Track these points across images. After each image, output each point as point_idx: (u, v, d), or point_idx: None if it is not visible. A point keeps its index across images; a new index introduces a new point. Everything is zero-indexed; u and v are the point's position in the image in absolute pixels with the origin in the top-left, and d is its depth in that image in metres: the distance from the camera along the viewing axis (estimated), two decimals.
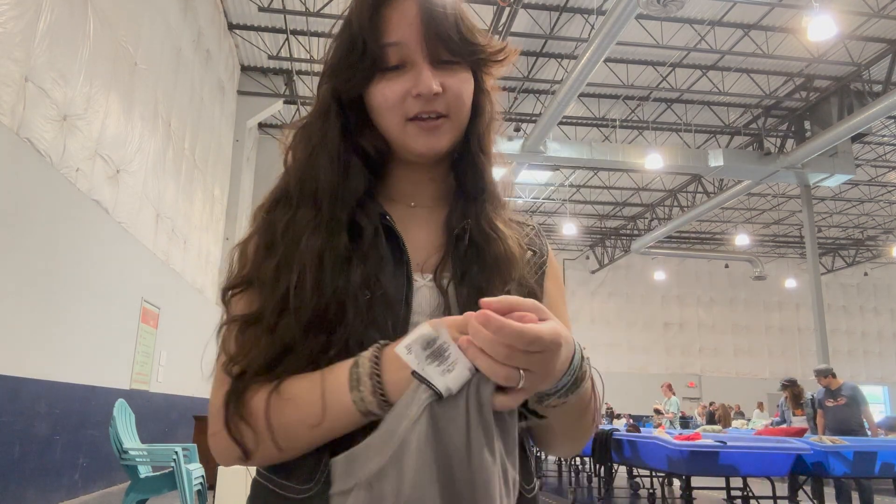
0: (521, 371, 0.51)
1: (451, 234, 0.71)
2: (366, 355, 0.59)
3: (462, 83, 0.69)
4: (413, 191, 0.75)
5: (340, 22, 0.71)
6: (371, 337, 0.62)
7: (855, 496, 5.69)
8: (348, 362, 0.60)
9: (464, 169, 0.74)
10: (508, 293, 0.62)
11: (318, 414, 0.59)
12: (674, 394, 10.95)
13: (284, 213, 0.69)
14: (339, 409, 0.59)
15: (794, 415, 7.15)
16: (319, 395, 0.60)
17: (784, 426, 7.12)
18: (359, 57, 0.67)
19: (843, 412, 6.02)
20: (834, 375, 6.23)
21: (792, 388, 7.17)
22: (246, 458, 0.62)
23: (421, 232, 0.72)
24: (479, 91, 0.73)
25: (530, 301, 0.54)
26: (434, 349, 0.53)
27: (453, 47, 0.68)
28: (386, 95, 0.67)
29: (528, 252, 0.76)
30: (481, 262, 0.68)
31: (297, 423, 0.60)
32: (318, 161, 0.70)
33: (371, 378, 0.57)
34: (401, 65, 0.67)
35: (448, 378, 0.52)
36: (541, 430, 0.68)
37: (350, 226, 0.67)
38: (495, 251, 0.69)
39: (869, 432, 6.74)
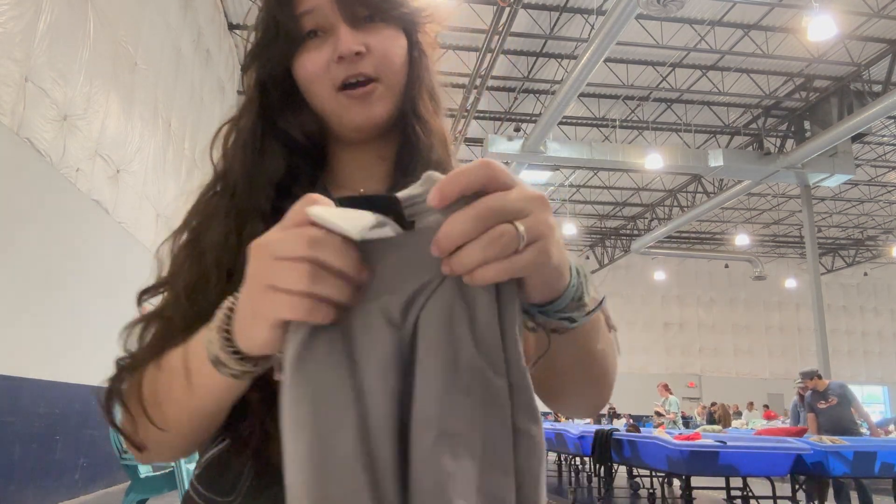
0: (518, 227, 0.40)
1: None
2: (222, 307, 0.49)
3: (388, 40, 0.64)
4: (362, 175, 0.69)
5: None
6: None
7: (854, 496, 5.68)
8: None
9: (403, 140, 0.68)
10: None
11: (181, 372, 0.52)
12: (671, 393, 10.90)
13: (200, 204, 0.66)
14: (199, 363, 0.49)
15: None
16: (182, 357, 0.53)
17: (789, 426, 7.09)
18: (275, 35, 0.63)
19: (836, 412, 6.00)
20: (820, 377, 6.18)
21: (806, 386, 7.01)
22: (135, 447, 0.57)
23: None
24: (413, 50, 0.67)
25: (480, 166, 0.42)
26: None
27: (371, 6, 0.63)
28: (307, 67, 0.62)
29: None
30: None
31: (165, 390, 0.54)
32: (235, 150, 0.66)
33: (220, 333, 0.47)
34: (319, 31, 0.62)
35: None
36: (549, 374, 0.55)
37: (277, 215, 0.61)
38: None
39: (867, 431, 6.72)
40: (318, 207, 0.40)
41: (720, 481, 5.45)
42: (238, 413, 0.56)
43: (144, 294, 0.64)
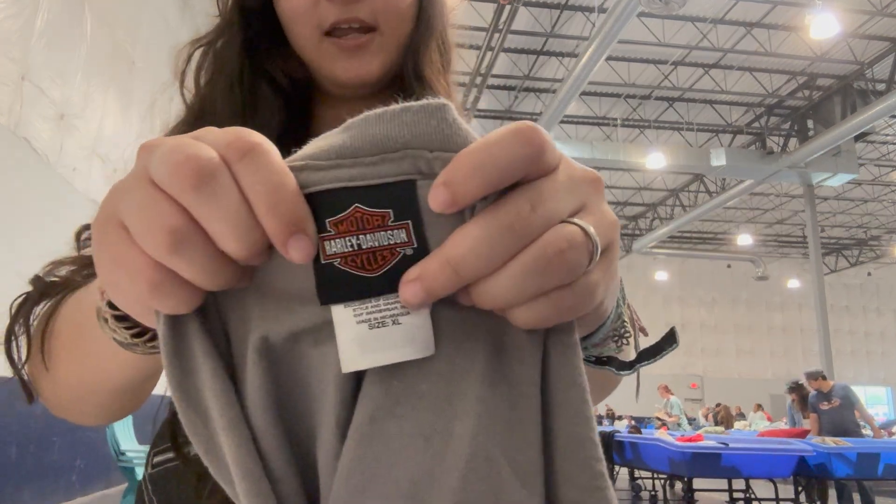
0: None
1: None
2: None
3: None
4: None
5: None
6: None
7: (857, 499, 5.64)
8: None
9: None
10: None
11: (76, 326, 0.40)
12: (672, 394, 10.81)
13: None
14: (89, 316, 0.35)
15: (804, 417, 7.09)
16: (76, 304, 0.41)
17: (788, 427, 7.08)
18: None
19: (839, 414, 6.00)
20: (824, 377, 6.19)
21: (799, 390, 7.12)
22: (27, 393, 0.46)
23: None
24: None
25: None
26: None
27: None
28: (293, 2, 0.51)
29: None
30: None
31: (64, 339, 0.42)
32: (217, 87, 0.53)
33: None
34: None
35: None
36: None
37: None
38: None
39: (870, 433, 6.70)
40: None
41: (723, 483, 5.41)
42: (181, 435, 0.46)
43: (85, 231, 0.50)
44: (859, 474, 4.93)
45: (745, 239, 18.26)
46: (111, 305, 0.30)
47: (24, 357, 0.44)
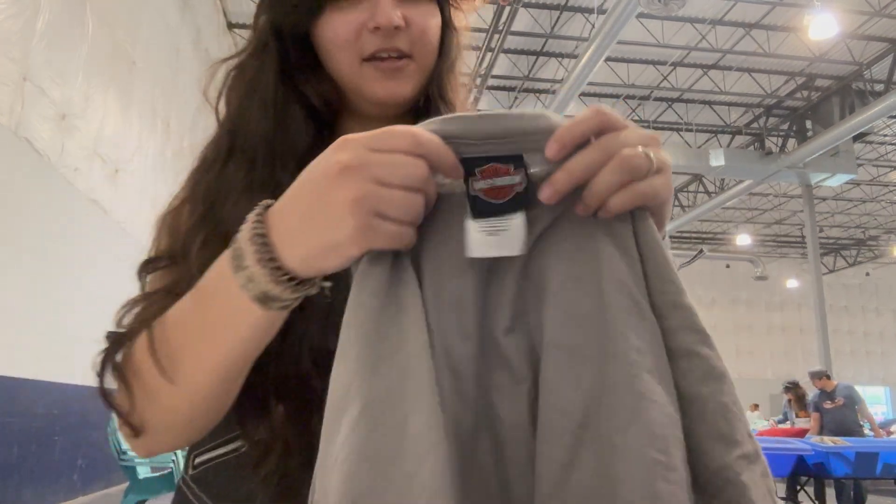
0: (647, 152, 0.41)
1: None
2: (249, 217, 0.42)
3: (427, 17, 0.58)
4: None
5: None
6: (318, 344, 0.48)
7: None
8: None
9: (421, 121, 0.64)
10: None
11: (201, 317, 0.45)
12: None
13: (212, 172, 0.58)
14: (224, 302, 0.42)
15: (797, 416, 7.14)
16: (198, 299, 0.45)
17: (787, 427, 7.11)
18: None
19: (842, 413, 6.01)
20: (829, 377, 6.21)
21: (795, 390, 7.17)
22: (132, 428, 0.48)
23: None
24: (445, 27, 0.62)
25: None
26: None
27: None
28: (337, 29, 0.56)
29: None
30: None
31: (178, 345, 0.46)
32: (251, 108, 0.58)
33: (254, 242, 0.40)
34: None
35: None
36: None
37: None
38: None
39: (871, 432, 6.72)
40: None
41: None
42: (251, 419, 0.51)
43: (148, 266, 0.57)
44: (858, 474, 4.94)
45: (744, 239, 18.27)
46: (287, 279, 0.40)
47: (124, 403, 0.49)
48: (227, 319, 0.43)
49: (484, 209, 0.39)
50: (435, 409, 0.35)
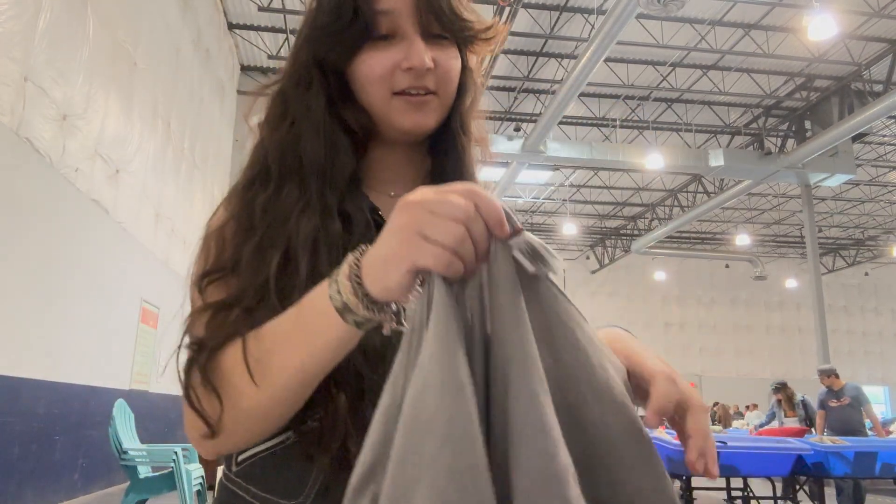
0: None
1: None
2: (347, 259, 0.50)
3: (451, 59, 0.65)
4: (391, 177, 0.70)
5: None
6: (366, 340, 0.54)
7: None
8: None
9: (444, 151, 0.70)
10: None
11: (294, 332, 0.52)
12: None
13: (263, 192, 0.62)
14: (315, 313, 0.50)
15: (785, 416, 7.23)
16: (295, 313, 0.53)
17: (775, 426, 7.14)
18: (348, 23, 0.62)
19: (847, 412, 6.04)
20: (837, 376, 6.24)
21: (784, 390, 7.26)
22: (209, 427, 0.54)
23: None
24: (463, 68, 0.69)
25: None
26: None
27: (445, 21, 0.64)
28: (373, 67, 0.62)
29: None
30: None
31: (267, 353, 0.52)
32: (302, 135, 0.63)
33: (350, 279, 0.48)
34: (390, 35, 0.62)
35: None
36: None
37: (340, 212, 0.62)
38: None
39: (871, 432, 6.74)
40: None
41: (721, 481, 5.44)
42: (317, 405, 0.55)
43: (204, 278, 0.60)
44: (857, 473, 4.95)
45: (743, 239, 18.29)
46: (363, 294, 0.48)
47: (206, 406, 0.54)
48: (315, 328, 0.51)
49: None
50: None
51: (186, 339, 0.57)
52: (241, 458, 0.60)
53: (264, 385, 0.52)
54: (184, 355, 0.57)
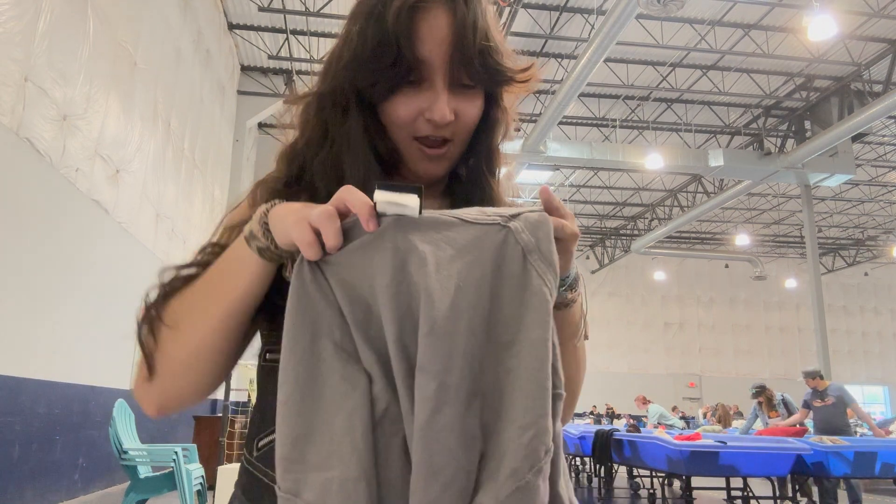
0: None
1: None
2: (260, 208, 0.60)
3: (474, 109, 0.68)
4: None
5: (363, 11, 0.66)
6: None
7: (844, 496, 5.68)
8: None
9: (469, 189, 0.73)
10: None
11: (215, 272, 0.61)
12: (648, 403, 10.56)
13: (278, 195, 0.66)
14: (233, 261, 0.59)
15: (769, 417, 7.36)
16: (217, 262, 0.61)
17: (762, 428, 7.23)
18: (390, 63, 0.63)
19: (830, 412, 6.15)
20: (821, 377, 6.37)
21: (764, 392, 7.44)
22: (149, 368, 0.61)
23: None
24: (496, 107, 0.71)
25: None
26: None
27: (475, 74, 0.65)
28: (399, 111, 0.66)
29: None
30: None
31: (195, 295, 0.61)
32: (343, 159, 0.67)
33: (260, 221, 0.58)
34: (419, 81, 0.65)
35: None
36: None
37: None
38: None
39: (866, 431, 6.79)
40: (377, 194, 0.52)
41: (720, 481, 5.45)
42: None
43: (211, 247, 0.66)
44: (856, 473, 4.96)
45: (742, 239, 18.30)
46: (266, 229, 0.58)
47: (148, 341, 0.61)
48: (232, 268, 0.59)
49: (389, 187, 0.52)
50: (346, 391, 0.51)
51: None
52: (260, 444, 0.64)
53: (187, 330, 0.60)
54: None
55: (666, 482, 6.48)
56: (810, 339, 17.95)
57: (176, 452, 4.25)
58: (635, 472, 7.50)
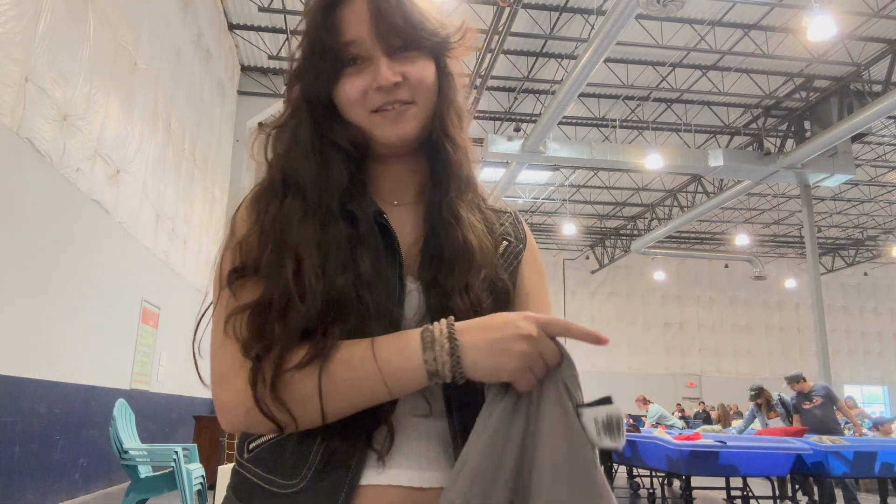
0: None
1: (427, 231, 0.73)
2: (439, 322, 0.63)
3: (423, 69, 0.71)
4: (395, 186, 0.76)
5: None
6: (375, 330, 0.63)
7: (840, 495, 5.69)
8: (414, 331, 0.63)
9: (433, 156, 0.75)
10: (468, 288, 0.67)
11: (377, 377, 0.62)
12: (649, 403, 10.57)
13: (271, 204, 0.70)
14: (406, 369, 0.62)
15: (768, 418, 7.39)
16: (377, 362, 0.62)
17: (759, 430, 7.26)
18: (319, 58, 0.70)
19: (819, 412, 6.16)
20: (804, 379, 6.39)
21: (763, 394, 7.48)
22: (280, 432, 0.64)
23: (405, 232, 0.72)
24: (442, 75, 0.75)
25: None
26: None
27: (406, 37, 0.70)
28: (348, 93, 0.70)
29: (503, 242, 0.77)
30: (440, 259, 0.69)
31: (352, 391, 0.62)
32: (295, 157, 0.71)
33: (449, 340, 0.61)
34: (359, 59, 0.70)
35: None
36: None
37: (344, 216, 0.69)
38: (452, 244, 0.70)
39: (848, 430, 6.86)
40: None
41: (720, 481, 5.45)
42: None
43: (233, 274, 0.68)
44: (856, 473, 4.97)
45: (742, 239, 18.31)
46: (455, 360, 0.62)
47: (281, 418, 0.64)
48: (401, 377, 0.62)
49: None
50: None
51: (218, 336, 0.66)
52: (251, 446, 0.68)
53: (332, 412, 0.63)
54: (206, 344, 0.68)
55: (666, 482, 6.48)
56: (810, 339, 17.94)
57: (176, 452, 4.26)
58: (635, 471, 7.51)
